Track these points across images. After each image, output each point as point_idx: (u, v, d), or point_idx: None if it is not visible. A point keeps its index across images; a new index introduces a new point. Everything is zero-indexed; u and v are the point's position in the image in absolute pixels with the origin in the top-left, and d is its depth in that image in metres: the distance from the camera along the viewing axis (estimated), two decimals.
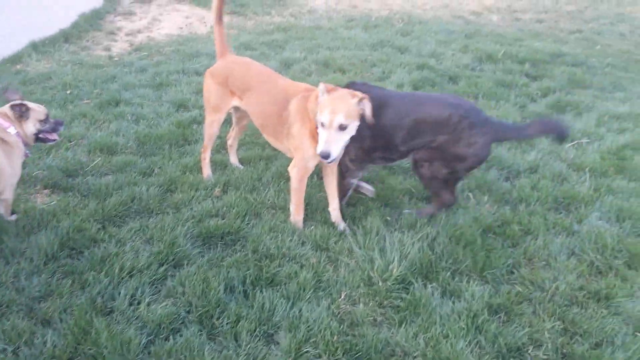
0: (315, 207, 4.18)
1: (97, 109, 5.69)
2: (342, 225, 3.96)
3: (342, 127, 3.36)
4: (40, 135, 3.87)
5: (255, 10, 10.11)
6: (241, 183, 4.43)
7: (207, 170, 4.52)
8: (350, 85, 4.12)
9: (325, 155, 3.36)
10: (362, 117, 3.47)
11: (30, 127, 3.78)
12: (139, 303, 3.11)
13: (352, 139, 3.57)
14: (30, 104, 3.81)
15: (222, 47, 4.31)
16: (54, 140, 3.99)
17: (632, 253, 3.69)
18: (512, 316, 3.16)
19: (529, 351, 2.93)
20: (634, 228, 3.98)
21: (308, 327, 2.99)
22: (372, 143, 3.87)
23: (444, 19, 10.25)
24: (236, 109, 4.32)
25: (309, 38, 8.60)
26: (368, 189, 4.33)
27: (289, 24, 9.36)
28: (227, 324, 3.01)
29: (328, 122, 3.33)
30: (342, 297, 3.26)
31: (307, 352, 2.85)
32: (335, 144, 3.37)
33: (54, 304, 3.07)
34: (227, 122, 4.78)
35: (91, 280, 3.24)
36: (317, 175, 4.55)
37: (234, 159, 4.79)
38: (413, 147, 3.80)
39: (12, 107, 3.71)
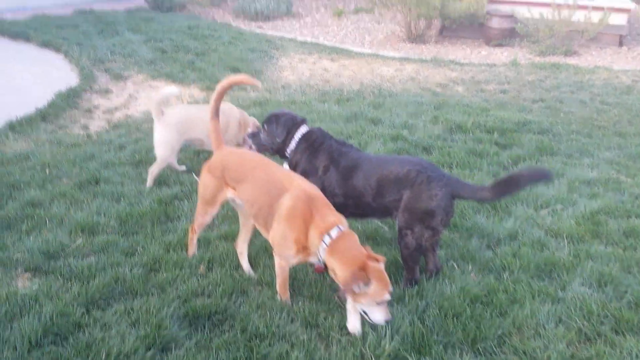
0: (302, 281, 4.18)
1: (77, 188, 5.65)
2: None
3: None
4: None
5: None
6: (226, 260, 4.41)
7: (192, 249, 4.49)
8: (340, 143, 4.34)
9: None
10: None
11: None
12: None
13: (324, 194, 3.89)
14: None
15: (218, 140, 4.30)
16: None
17: (617, 318, 3.75)
18: None
19: None
20: (616, 293, 4.06)
21: None
22: (344, 201, 4.18)
23: (413, 91, 10.61)
24: (236, 205, 4.25)
25: None
26: None
27: (264, 99, 9.57)
28: None
29: (386, 299, 3.39)
30: None
31: None
32: None
33: None
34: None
35: None
36: None
37: (246, 266, 4.39)
38: (384, 203, 4.08)
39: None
